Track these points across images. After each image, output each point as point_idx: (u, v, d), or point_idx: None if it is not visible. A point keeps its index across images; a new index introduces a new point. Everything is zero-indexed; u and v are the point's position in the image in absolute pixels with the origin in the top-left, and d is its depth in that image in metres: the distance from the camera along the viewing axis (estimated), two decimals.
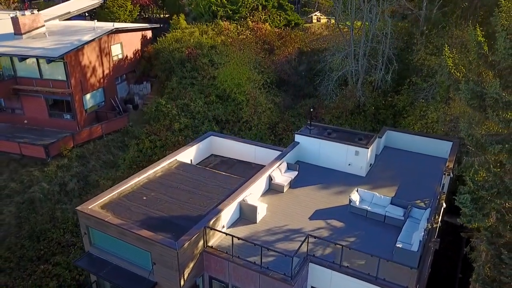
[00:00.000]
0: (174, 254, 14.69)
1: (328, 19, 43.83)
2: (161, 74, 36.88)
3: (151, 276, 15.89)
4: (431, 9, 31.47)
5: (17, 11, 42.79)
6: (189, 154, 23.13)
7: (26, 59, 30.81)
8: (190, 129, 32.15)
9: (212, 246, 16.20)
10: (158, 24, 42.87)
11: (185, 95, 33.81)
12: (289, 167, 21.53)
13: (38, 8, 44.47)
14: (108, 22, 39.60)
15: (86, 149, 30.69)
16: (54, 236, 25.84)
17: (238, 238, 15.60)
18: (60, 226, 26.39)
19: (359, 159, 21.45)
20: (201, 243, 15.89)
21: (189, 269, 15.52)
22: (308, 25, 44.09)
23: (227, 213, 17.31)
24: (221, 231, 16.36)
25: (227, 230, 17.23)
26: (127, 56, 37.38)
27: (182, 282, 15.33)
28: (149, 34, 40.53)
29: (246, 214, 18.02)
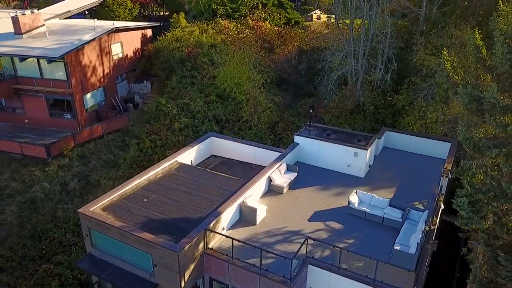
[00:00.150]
0: (175, 257, 14.88)
1: (328, 17, 43.83)
2: (161, 73, 36.90)
3: (152, 277, 16.09)
4: (431, 9, 31.50)
5: (17, 10, 42.87)
6: (189, 155, 23.27)
7: (26, 59, 30.85)
8: (190, 129, 32.24)
9: (212, 248, 16.39)
10: (158, 23, 42.83)
11: (185, 95, 33.86)
12: (289, 168, 21.69)
13: (37, 6, 44.49)
14: (108, 21, 39.58)
15: (87, 148, 30.80)
16: (56, 236, 26.02)
17: (238, 240, 15.79)
18: (61, 225, 26.55)
19: (358, 160, 21.60)
20: (201, 245, 16.08)
21: (189, 271, 15.72)
22: (308, 23, 44.07)
23: (227, 215, 17.49)
24: (221, 234, 16.53)
25: (227, 232, 17.44)
26: (127, 55, 37.41)
27: (183, 284, 15.54)
28: (149, 32, 40.51)
29: (246, 216, 18.21)
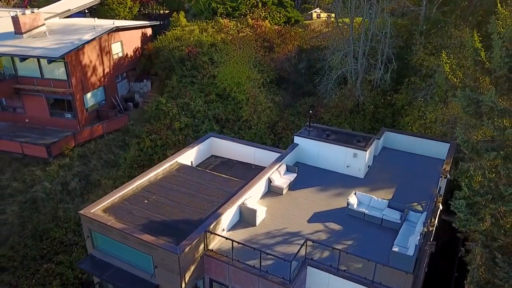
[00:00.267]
0: (175, 259, 15.02)
1: (328, 16, 43.82)
2: (161, 72, 36.95)
3: (153, 279, 16.24)
4: (431, 8, 31.52)
5: (17, 8, 42.88)
6: (190, 155, 23.37)
7: (27, 59, 30.88)
8: (191, 128, 32.33)
9: (212, 250, 16.52)
10: (158, 21, 42.83)
11: (185, 94, 33.94)
12: (288, 169, 21.80)
13: (37, 5, 44.52)
14: (108, 20, 39.62)
15: (88, 148, 30.93)
16: (57, 235, 26.20)
17: (238, 242, 15.91)
18: (62, 225, 26.73)
19: (357, 161, 21.70)
20: (201, 246, 16.21)
21: (190, 272, 15.86)
22: (308, 22, 44.09)
23: (227, 216, 17.61)
24: (221, 236, 16.67)
25: (227, 233, 17.58)
26: (127, 54, 37.46)
27: (183, 285, 15.69)
28: (149, 31, 40.55)
29: (245, 217, 18.33)
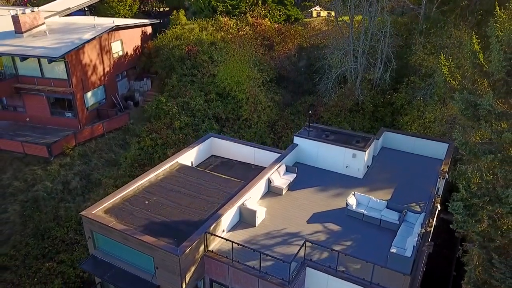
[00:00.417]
0: (176, 260, 15.20)
1: (328, 14, 43.81)
2: (161, 71, 37.01)
3: (154, 279, 16.42)
4: (431, 8, 31.56)
5: (17, 7, 42.86)
6: (190, 156, 23.50)
7: (27, 59, 30.95)
8: (191, 127, 32.46)
9: (212, 251, 16.71)
10: (158, 19, 42.83)
11: (185, 93, 34.03)
12: (288, 169, 21.95)
13: (37, 3, 44.45)
14: (108, 18, 39.62)
15: (88, 147, 31.07)
16: (58, 234, 26.40)
17: (238, 244, 16.09)
18: (63, 224, 26.92)
19: (356, 161, 21.84)
20: (202, 247, 16.39)
21: (190, 273, 16.06)
22: (308, 20, 44.09)
23: (227, 217, 17.77)
24: (221, 237, 16.84)
25: (227, 234, 17.75)
26: (127, 53, 37.49)
27: (184, 286, 15.88)
28: (149, 29, 40.55)
29: (245, 218, 18.49)
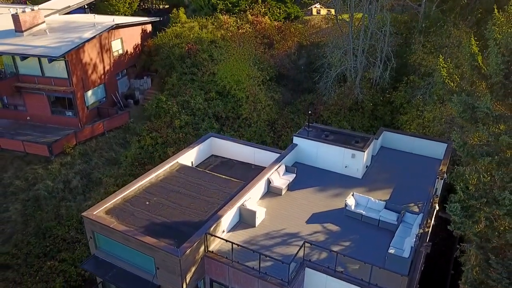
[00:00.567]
0: (177, 261, 15.39)
1: (328, 11, 43.78)
2: (161, 69, 37.08)
3: (155, 279, 16.63)
4: (430, 7, 31.57)
5: (16, 5, 42.82)
6: (190, 156, 23.63)
7: (28, 58, 31.00)
8: (191, 126, 32.56)
9: (212, 251, 16.89)
10: (158, 17, 42.78)
11: (185, 92, 34.10)
12: (287, 169, 22.09)
13: (37, 1, 44.39)
14: (107, 16, 39.62)
15: (89, 146, 31.21)
16: (59, 233, 26.62)
17: (238, 245, 16.27)
18: (65, 223, 27.13)
19: (355, 161, 21.98)
20: (202, 248, 16.57)
21: (191, 273, 16.25)
22: (308, 17, 44.06)
23: (227, 218, 17.93)
24: (221, 238, 17.01)
25: (227, 234, 17.93)
26: (127, 51, 37.52)
27: (185, 286, 16.08)
28: (149, 27, 40.55)
29: (245, 219, 18.66)
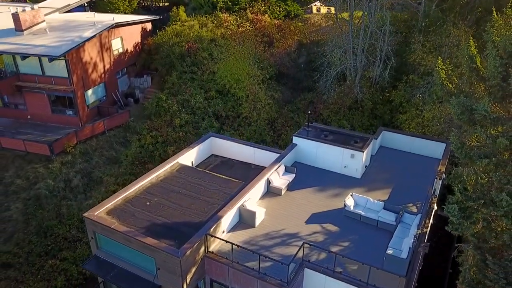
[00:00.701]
0: (177, 261, 15.55)
1: (328, 9, 43.76)
2: (161, 68, 37.13)
3: (155, 280, 16.80)
4: (430, 6, 31.58)
5: (16, 3, 42.79)
6: (190, 155, 23.74)
7: (28, 57, 31.07)
8: (191, 125, 32.67)
9: (213, 252, 17.06)
10: (158, 16, 42.79)
11: (185, 91, 34.18)
12: (287, 169, 22.21)
13: None
14: (107, 14, 39.63)
15: (89, 145, 31.34)
16: (61, 232, 26.80)
17: (238, 245, 16.43)
18: (66, 222, 27.31)
19: (354, 161, 22.10)
20: (202, 249, 16.73)
21: (191, 273, 16.42)
22: (308, 15, 44.04)
23: (227, 218, 18.08)
24: (221, 239, 17.17)
25: (227, 235, 18.09)
26: (127, 50, 37.57)
27: (185, 286, 16.26)
28: (149, 26, 40.57)
29: (245, 219, 18.81)
